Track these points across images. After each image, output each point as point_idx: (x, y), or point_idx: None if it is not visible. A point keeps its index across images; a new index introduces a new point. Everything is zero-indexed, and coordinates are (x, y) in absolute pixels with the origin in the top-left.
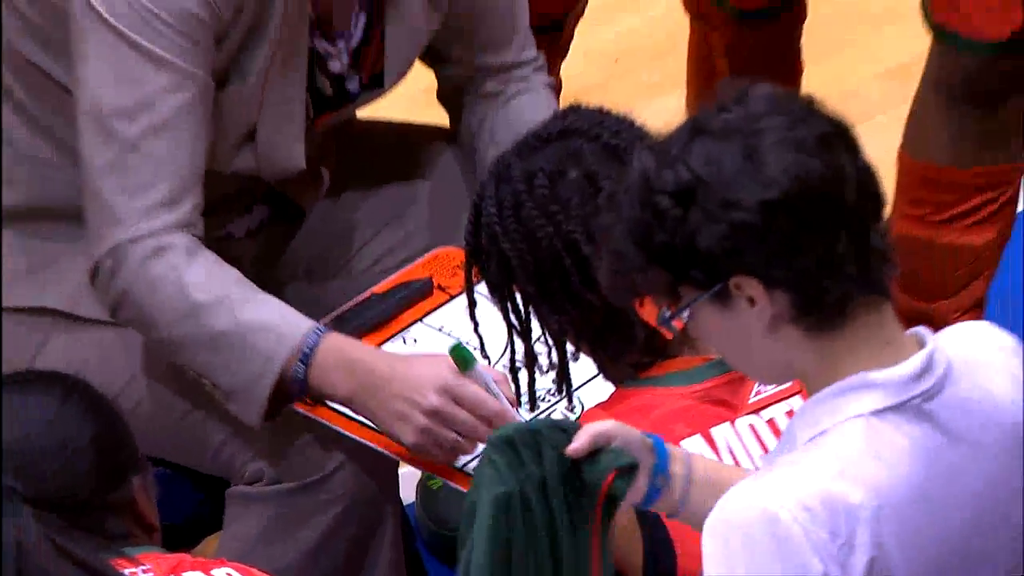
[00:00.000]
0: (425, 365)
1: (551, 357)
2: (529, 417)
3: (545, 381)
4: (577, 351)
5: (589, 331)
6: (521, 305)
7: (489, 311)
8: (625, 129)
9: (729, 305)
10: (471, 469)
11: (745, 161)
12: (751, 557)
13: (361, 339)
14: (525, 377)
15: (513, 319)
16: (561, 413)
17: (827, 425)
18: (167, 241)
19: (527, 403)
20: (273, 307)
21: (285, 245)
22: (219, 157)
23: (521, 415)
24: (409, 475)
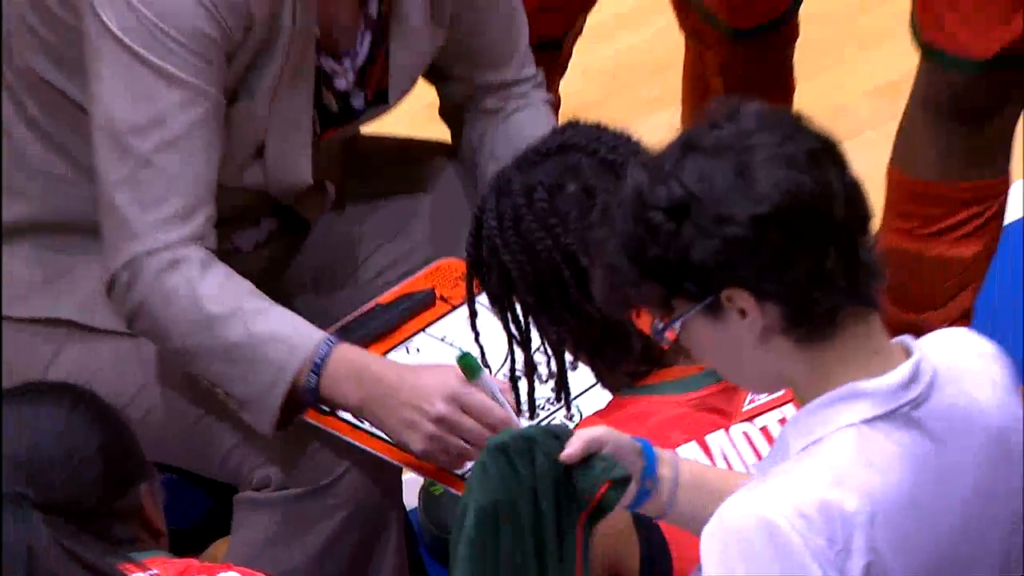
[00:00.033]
0: (433, 374)
1: (550, 366)
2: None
3: (544, 390)
4: (576, 360)
5: (587, 341)
6: (521, 315)
7: (490, 321)
8: (622, 144)
9: (721, 317)
10: None
11: (737, 177)
12: (751, 564)
13: (366, 348)
14: (525, 386)
15: (513, 329)
16: (560, 421)
17: (820, 434)
18: (182, 254)
19: (527, 411)
20: (285, 318)
21: (291, 257)
22: (228, 172)
23: (523, 424)
24: (412, 481)
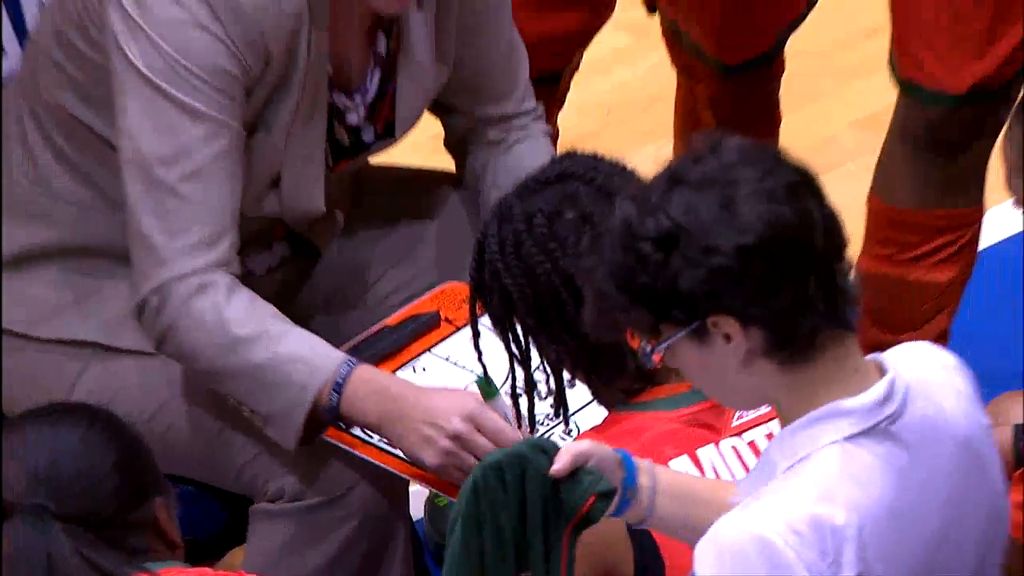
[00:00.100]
0: (450, 395)
1: (549, 384)
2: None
3: (544, 406)
4: (573, 378)
5: (584, 360)
6: (521, 336)
7: (492, 341)
8: (617, 173)
9: (706, 341)
10: None
11: (721, 210)
12: None
13: (375, 367)
14: (525, 402)
15: (514, 349)
16: (559, 436)
17: (805, 452)
18: (209, 279)
19: (527, 426)
20: (307, 341)
21: (303, 281)
22: (246, 201)
23: None
24: (418, 493)
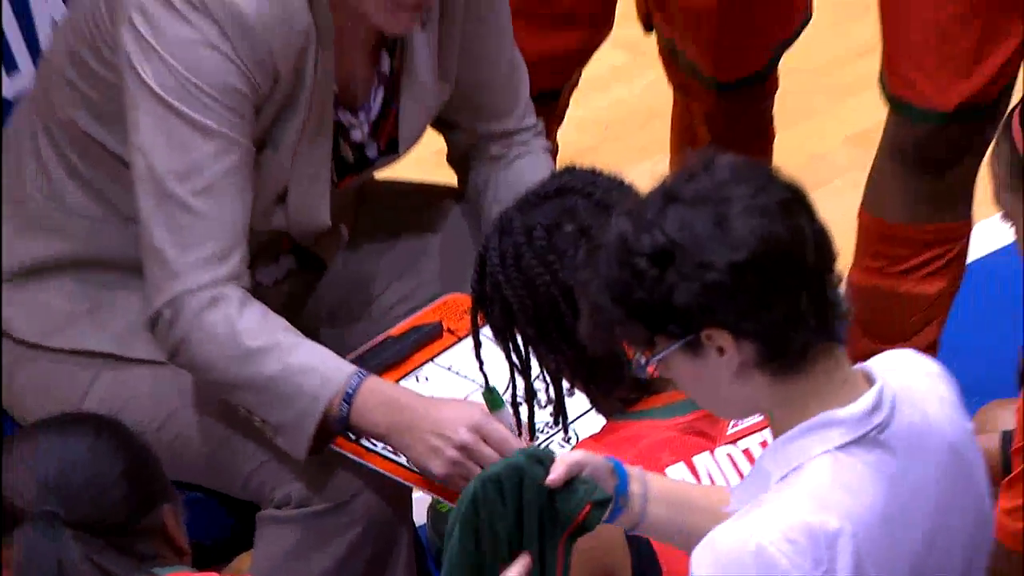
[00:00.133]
0: (457, 406)
1: (549, 393)
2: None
3: (544, 414)
4: (572, 387)
5: (583, 370)
6: (522, 346)
7: (493, 351)
8: (615, 188)
9: (700, 354)
10: None
11: (715, 227)
12: None
13: (379, 377)
14: (526, 411)
15: (515, 358)
16: (558, 443)
17: (798, 462)
18: (221, 292)
19: (527, 434)
20: (318, 353)
21: (309, 293)
22: (254, 216)
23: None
24: (421, 499)
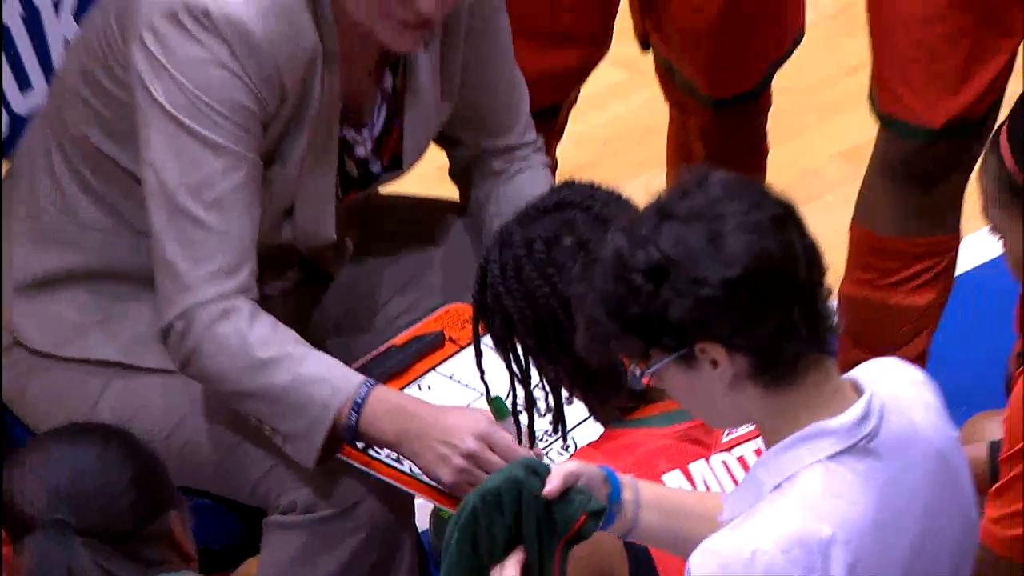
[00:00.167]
0: (464, 415)
1: (548, 401)
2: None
3: (543, 422)
4: (571, 396)
5: (581, 379)
6: (522, 355)
7: (494, 361)
8: (613, 202)
9: (694, 366)
10: None
11: (709, 243)
12: None
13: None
14: (525, 419)
15: (515, 368)
16: (557, 451)
17: (790, 472)
18: (231, 305)
19: (527, 442)
20: (326, 363)
21: (315, 305)
22: (262, 230)
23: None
24: (424, 506)
